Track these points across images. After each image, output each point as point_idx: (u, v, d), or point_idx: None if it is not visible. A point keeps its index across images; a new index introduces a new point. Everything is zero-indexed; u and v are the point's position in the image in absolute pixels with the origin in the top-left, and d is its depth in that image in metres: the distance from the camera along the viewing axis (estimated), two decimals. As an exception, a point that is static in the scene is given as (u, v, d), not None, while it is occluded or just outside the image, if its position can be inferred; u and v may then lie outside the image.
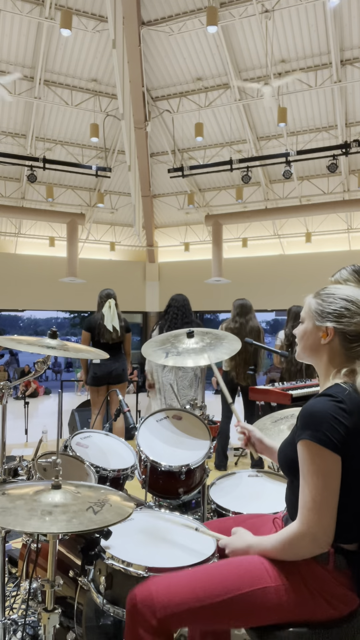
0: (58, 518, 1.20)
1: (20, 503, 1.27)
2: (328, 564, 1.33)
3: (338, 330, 1.42)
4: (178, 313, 4.68)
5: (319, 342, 1.45)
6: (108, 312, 5.04)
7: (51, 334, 2.03)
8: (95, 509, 1.27)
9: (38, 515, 1.21)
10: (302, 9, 8.68)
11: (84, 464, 2.17)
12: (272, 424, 2.39)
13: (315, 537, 1.28)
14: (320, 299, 1.47)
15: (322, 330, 1.44)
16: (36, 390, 12.55)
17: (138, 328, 14.61)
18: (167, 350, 2.37)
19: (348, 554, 1.35)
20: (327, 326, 1.43)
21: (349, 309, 1.42)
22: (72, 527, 1.17)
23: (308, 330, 1.48)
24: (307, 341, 1.49)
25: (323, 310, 1.45)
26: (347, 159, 10.95)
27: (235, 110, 10.76)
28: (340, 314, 1.42)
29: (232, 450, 5.56)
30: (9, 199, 12.16)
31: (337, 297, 1.45)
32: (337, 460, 1.28)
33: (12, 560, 2.53)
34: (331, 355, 1.44)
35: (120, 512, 1.29)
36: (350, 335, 1.41)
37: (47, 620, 1.35)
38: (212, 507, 2.05)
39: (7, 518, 1.18)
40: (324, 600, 1.32)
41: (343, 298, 1.44)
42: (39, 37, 9.43)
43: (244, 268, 12.87)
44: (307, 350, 1.50)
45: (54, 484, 1.35)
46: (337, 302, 1.44)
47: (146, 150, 11.41)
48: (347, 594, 1.33)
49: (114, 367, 5.07)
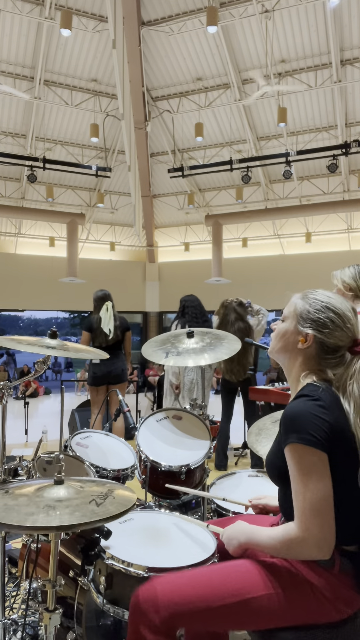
0: (61, 512, 1.20)
1: (23, 500, 1.27)
2: (334, 568, 1.33)
3: (317, 339, 1.41)
4: (196, 312, 4.75)
5: (296, 346, 1.44)
6: (105, 315, 5.04)
7: (51, 334, 2.03)
8: (98, 501, 1.27)
9: (41, 510, 1.21)
10: (302, 9, 8.68)
11: (84, 463, 2.17)
12: (272, 424, 2.40)
13: (317, 541, 1.26)
14: (307, 302, 1.45)
15: (302, 335, 1.43)
16: (36, 390, 12.54)
17: (138, 328, 14.60)
18: (167, 350, 2.37)
19: (351, 555, 1.34)
20: (307, 332, 1.42)
21: (333, 322, 1.40)
22: (74, 519, 1.17)
23: (289, 331, 1.46)
24: (285, 341, 1.47)
25: (308, 316, 1.43)
26: (347, 159, 10.95)
27: (235, 110, 10.76)
28: (323, 323, 1.40)
29: (232, 450, 5.56)
30: (9, 199, 12.16)
31: (325, 306, 1.42)
32: (324, 459, 1.28)
33: (12, 560, 2.53)
34: (304, 360, 1.44)
35: (123, 504, 1.28)
36: (328, 347, 1.40)
37: (49, 620, 1.35)
38: (212, 507, 2.05)
39: (11, 515, 1.18)
40: (330, 604, 1.32)
41: (330, 309, 1.41)
42: (39, 37, 9.43)
43: (244, 268, 12.86)
44: (281, 350, 1.49)
45: (57, 479, 1.35)
46: (323, 312, 1.41)
47: (146, 150, 11.41)
48: (352, 595, 1.33)
49: (113, 367, 5.06)
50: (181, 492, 2.18)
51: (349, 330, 1.41)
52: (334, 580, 1.32)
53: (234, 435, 5.31)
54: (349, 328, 1.40)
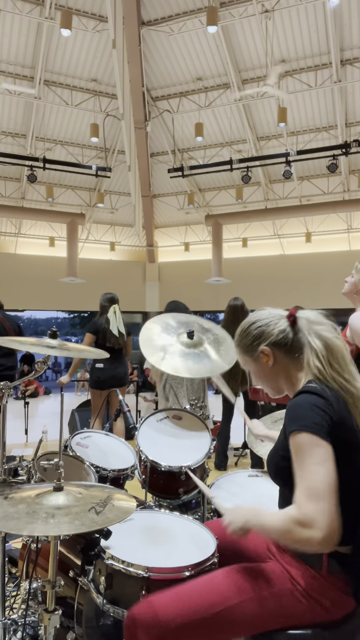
0: (60, 520, 1.20)
1: (22, 507, 1.26)
2: (322, 569, 1.33)
3: (270, 345, 1.49)
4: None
5: (269, 368, 1.51)
6: (113, 317, 5.06)
7: (51, 334, 2.03)
8: (98, 509, 1.27)
9: (41, 518, 1.20)
10: (302, 9, 8.67)
11: (84, 464, 2.17)
12: (272, 424, 2.40)
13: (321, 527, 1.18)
14: (239, 342, 1.56)
15: (261, 357, 1.51)
16: (36, 390, 12.55)
17: (138, 328, 14.55)
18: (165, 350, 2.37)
19: (342, 557, 1.33)
20: (260, 350, 1.50)
21: (259, 326, 1.52)
22: (74, 528, 1.17)
23: (255, 369, 1.55)
24: (263, 377, 1.55)
25: (247, 345, 1.53)
26: (347, 159, 10.95)
27: (235, 110, 10.76)
28: (258, 334, 1.51)
29: (232, 450, 5.56)
30: (9, 199, 12.16)
31: (247, 327, 1.55)
32: (329, 447, 1.27)
33: (12, 560, 2.53)
34: (285, 371, 1.49)
35: (122, 512, 1.28)
36: (284, 343, 1.47)
37: (48, 620, 1.35)
38: (212, 507, 2.05)
39: (10, 523, 1.18)
40: (319, 605, 1.31)
41: (251, 323, 1.54)
42: (39, 37, 9.43)
43: (244, 268, 12.86)
44: (270, 384, 1.55)
45: (56, 486, 1.34)
46: (249, 330, 1.53)
47: (146, 150, 11.41)
48: (342, 597, 1.33)
49: (117, 371, 5.09)
50: (181, 492, 2.18)
51: (275, 319, 1.51)
52: (322, 581, 1.32)
53: (234, 435, 5.31)
54: (273, 318, 1.51)
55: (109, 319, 5.05)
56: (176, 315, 2.57)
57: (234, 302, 5.15)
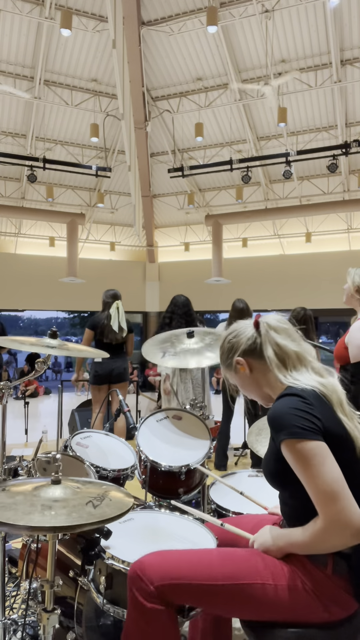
0: (58, 512, 1.20)
1: (20, 498, 1.27)
2: (327, 568, 1.33)
3: (242, 355, 1.52)
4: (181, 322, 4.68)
5: (248, 377, 1.54)
6: (115, 313, 5.08)
7: (51, 334, 2.03)
8: (95, 503, 1.27)
9: (38, 510, 1.20)
10: (302, 9, 8.68)
11: (84, 463, 2.16)
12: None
13: (340, 527, 1.24)
14: (220, 359, 1.61)
15: (238, 369, 1.54)
16: (36, 390, 12.54)
17: (138, 328, 14.60)
18: (165, 349, 2.37)
19: (346, 557, 1.34)
20: (235, 362, 1.53)
21: (230, 339, 1.56)
22: (71, 520, 1.17)
23: (238, 381, 1.58)
24: (247, 387, 1.57)
25: (225, 360, 1.58)
26: (347, 159, 10.95)
27: (235, 110, 10.76)
28: (229, 347, 1.56)
29: (232, 450, 5.56)
30: (9, 199, 12.16)
31: (221, 343, 1.60)
32: (322, 445, 1.29)
33: (12, 560, 2.53)
34: (265, 377, 1.51)
35: (119, 507, 1.28)
36: (253, 350, 1.51)
37: (47, 620, 1.35)
38: (212, 507, 2.05)
39: (7, 513, 1.18)
40: (321, 604, 1.32)
41: (223, 339, 1.60)
42: (39, 37, 9.43)
43: (244, 268, 12.86)
44: (256, 392, 1.57)
45: (54, 479, 1.35)
46: (223, 346, 1.58)
47: (146, 150, 11.41)
48: (345, 597, 1.33)
49: (116, 365, 5.09)
50: (181, 492, 2.18)
51: (242, 328, 1.55)
52: (327, 580, 1.32)
53: (234, 435, 5.31)
54: (241, 329, 1.55)
55: (110, 314, 5.06)
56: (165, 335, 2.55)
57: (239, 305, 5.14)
